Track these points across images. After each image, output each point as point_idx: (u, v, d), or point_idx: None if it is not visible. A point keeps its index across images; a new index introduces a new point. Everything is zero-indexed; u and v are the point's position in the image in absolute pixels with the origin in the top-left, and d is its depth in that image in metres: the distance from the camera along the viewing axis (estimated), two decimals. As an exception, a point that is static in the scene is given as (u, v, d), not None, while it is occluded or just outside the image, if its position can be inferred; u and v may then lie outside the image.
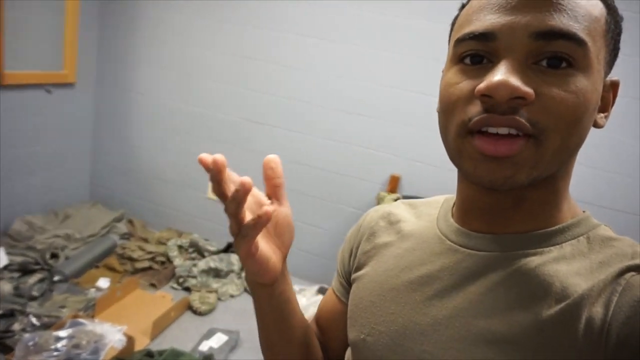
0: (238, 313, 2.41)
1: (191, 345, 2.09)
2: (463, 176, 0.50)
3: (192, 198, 2.99)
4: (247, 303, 2.52)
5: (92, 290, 2.29)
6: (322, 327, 0.69)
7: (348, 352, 0.60)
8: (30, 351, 1.72)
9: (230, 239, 2.89)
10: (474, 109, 0.42)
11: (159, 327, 2.12)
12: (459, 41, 0.45)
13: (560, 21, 0.40)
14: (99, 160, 3.16)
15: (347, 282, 0.65)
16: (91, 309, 2.13)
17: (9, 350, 1.78)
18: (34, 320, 1.91)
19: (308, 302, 2.36)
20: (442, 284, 0.49)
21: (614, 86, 0.48)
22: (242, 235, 0.42)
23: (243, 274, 2.69)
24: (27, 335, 1.79)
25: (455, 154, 0.46)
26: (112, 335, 1.89)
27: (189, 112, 2.87)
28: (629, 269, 0.41)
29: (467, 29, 0.44)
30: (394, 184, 2.55)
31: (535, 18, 0.40)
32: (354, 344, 0.56)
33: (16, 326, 1.87)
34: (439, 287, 0.49)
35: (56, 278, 2.28)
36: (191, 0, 2.70)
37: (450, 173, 2.48)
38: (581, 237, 0.46)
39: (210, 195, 2.94)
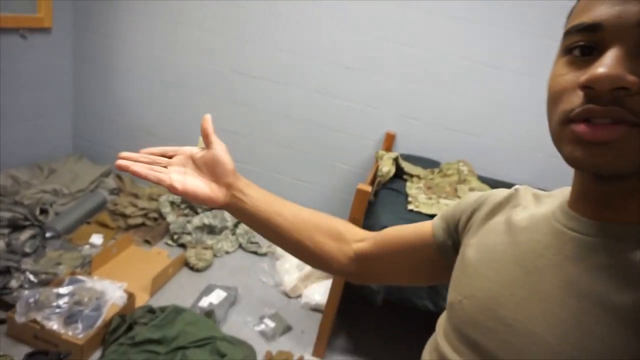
0: (234, 269, 2.43)
1: (190, 301, 2.11)
2: (565, 162, 0.50)
3: (182, 153, 2.92)
4: (242, 259, 2.54)
5: (86, 247, 2.25)
6: (387, 241, 0.75)
7: (442, 315, 0.63)
8: (31, 308, 1.70)
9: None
10: (577, 100, 0.42)
11: (158, 283, 2.13)
12: (568, 33, 0.45)
13: None
14: (81, 111, 3.02)
15: (451, 230, 0.68)
16: (87, 266, 2.11)
17: (8, 307, 1.76)
18: (31, 277, 1.89)
19: (304, 258, 2.40)
20: (544, 261, 0.50)
21: None
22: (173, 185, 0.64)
23: (237, 230, 2.70)
24: (27, 292, 1.77)
25: (557, 140, 0.46)
26: (113, 292, 1.89)
27: (176, 63, 2.75)
28: None
29: (576, 21, 0.44)
30: (389, 142, 2.55)
31: None
32: (451, 305, 0.59)
33: (13, 283, 1.84)
34: (540, 264, 0.50)
35: (48, 234, 2.24)
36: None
37: (445, 132, 2.50)
38: None
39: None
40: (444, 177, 2.28)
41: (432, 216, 1.90)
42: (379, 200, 2.00)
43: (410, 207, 1.94)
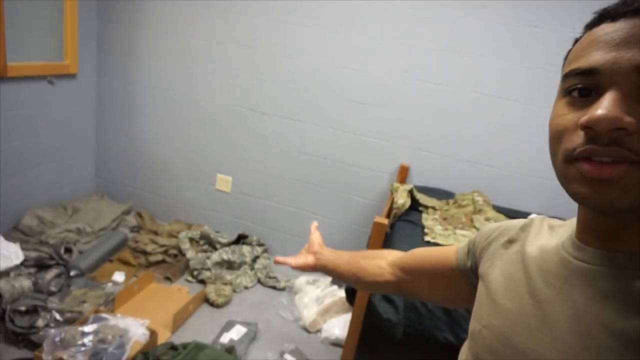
0: (254, 304, 2.45)
1: (211, 337, 2.12)
2: (571, 198, 0.53)
3: (200, 189, 3.00)
4: (261, 294, 2.55)
5: (109, 284, 2.30)
6: (414, 257, 0.88)
7: (464, 345, 0.66)
8: (57, 347, 1.74)
9: (240, 231, 2.91)
10: (578, 140, 0.45)
11: (179, 320, 2.15)
12: (566, 76, 0.49)
13: None
14: (103, 152, 3.14)
15: (472, 256, 0.74)
16: (111, 304, 2.15)
17: (35, 346, 1.80)
18: (57, 315, 1.93)
19: (323, 292, 2.41)
20: (554, 291, 0.53)
21: None
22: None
23: (255, 266, 2.72)
24: (53, 331, 1.80)
25: (562, 178, 0.49)
26: (136, 329, 1.92)
27: (193, 102, 2.86)
28: None
29: (574, 65, 0.48)
30: (403, 174, 2.59)
31: (639, 53, 0.43)
32: (472, 334, 0.62)
33: (40, 322, 1.88)
34: (549, 294, 0.53)
35: (73, 273, 2.29)
36: (198, -9, 2.66)
37: (459, 163, 2.53)
38: None
39: (219, 186, 2.95)
40: (459, 207, 2.30)
41: (449, 247, 1.92)
42: (396, 232, 2.02)
43: (427, 238, 1.96)
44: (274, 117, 2.74)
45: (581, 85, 0.47)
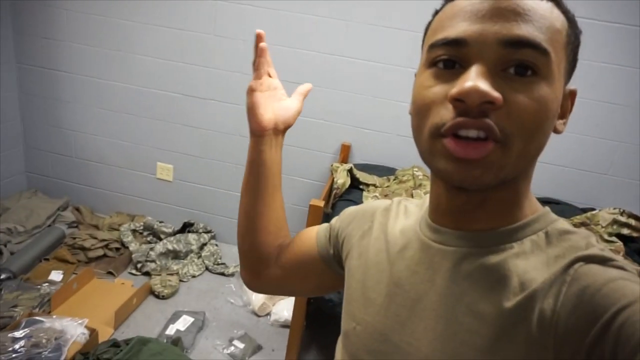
0: (201, 293, 2.42)
1: (157, 330, 2.09)
2: (434, 175, 0.53)
3: (140, 180, 2.90)
4: (209, 282, 2.53)
5: (45, 285, 2.20)
6: (287, 248, 0.77)
7: (339, 343, 0.64)
8: (-14, 356, 1.65)
9: (185, 219, 2.85)
10: (447, 114, 0.44)
11: (122, 315, 2.09)
12: (432, 46, 0.47)
13: (527, 31, 0.43)
14: (32, 145, 2.96)
15: (332, 245, 0.70)
16: (47, 305, 2.06)
17: (-38, 357, 1.70)
18: (-15, 323, 1.83)
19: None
20: (418, 277, 0.53)
21: (572, 95, 0.52)
22: (250, 88, 0.69)
23: (203, 253, 2.68)
24: (-20, 341, 1.71)
25: (427, 154, 0.48)
26: (74, 329, 1.85)
27: (126, 89, 2.72)
28: (578, 259, 0.44)
29: (440, 35, 0.47)
30: (345, 153, 2.59)
31: (504, 27, 0.43)
32: (346, 333, 0.60)
33: (-33, 332, 1.78)
34: (415, 281, 0.53)
35: (3, 276, 2.17)
36: (120, -31, 2.50)
37: (399, 139, 2.56)
38: (540, 232, 0.49)
39: (160, 175, 2.86)
40: (400, 183, 2.34)
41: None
42: (336, 212, 2.03)
43: (366, 216, 1.98)
44: (211, 101, 2.66)
45: (446, 57, 0.46)
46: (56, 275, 2.30)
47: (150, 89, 2.69)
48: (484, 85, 0.41)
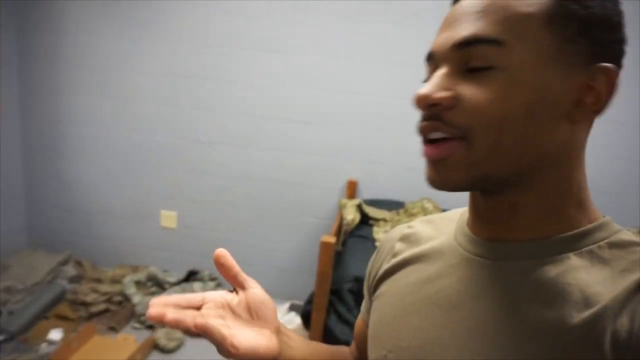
0: (208, 345, 2.27)
1: (163, 387, 1.95)
2: None
3: (144, 229, 2.83)
4: (217, 332, 2.39)
5: (44, 345, 2.08)
6: (359, 348, 0.71)
7: None
8: None
9: (190, 267, 2.75)
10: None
11: (125, 373, 1.96)
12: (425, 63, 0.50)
13: (479, 27, 0.43)
14: (34, 200, 2.91)
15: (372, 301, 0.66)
16: (45, 366, 1.94)
17: None
18: (-21, 389, 1.71)
19: (281, 321, 2.28)
20: (461, 296, 0.48)
21: (606, 74, 0.44)
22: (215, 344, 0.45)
23: (209, 302, 2.56)
24: (-27, 409, 1.59)
25: None
26: (74, 391, 1.73)
27: (128, 138, 2.71)
28: None
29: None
30: (351, 189, 2.54)
31: (457, 30, 0.44)
32: None
33: (-41, 400, 1.66)
34: (457, 300, 0.48)
35: (1, 338, 2.06)
36: (116, 23, 2.55)
37: (406, 172, 2.51)
38: (602, 243, 0.44)
39: (164, 223, 2.79)
40: (410, 216, 2.26)
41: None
42: (347, 249, 1.95)
43: (379, 252, 1.90)
44: (217, 145, 2.64)
45: (426, 78, 0.49)
46: (56, 334, 2.18)
47: (153, 136, 2.68)
48: (427, 89, 0.44)
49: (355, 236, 2.06)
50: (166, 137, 2.67)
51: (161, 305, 0.44)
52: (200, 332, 0.43)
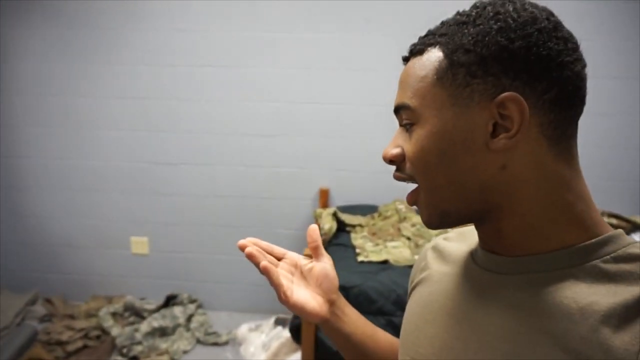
0: (196, 369, 2.26)
1: (155, 419, 1.91)
2: None
3: (115, 258, 2.74)
4: (204, 355, 2.37)
5: (22, 391, 1.98)
6: None
7: None
8: None
9: (168, 292, 2.70)
10: None
11: (114, 410, 1.90)
12: None
13: (399, 96, 0.53)
14: (-8, 240, 2.77)
15: None
16: (27, 414, 1.85)
17: None
18: None
19: (268, 337, 2.29)
20: (471, 307, 0.52)
21: (512, 101, 0.45)
22: (283, 299, 0.60)
23: (191, 325, 2.53)
24: None
25: None
26: None
27: (89, 166, 2.62)
28: None
29: None
30: (324, 197, 2.57)
31: (396, 97, 0.54)
32: None
33: None
34: (467, 311, 0.52)
35: (-27, 391, 1.95)
36: (66, 48, 2.47)
37: (376, 175, 2.57)
38: (607, 257, 0.45)
39: (135, 250, 2.72)
40: (385, 219, 2.32)
41: (383, 263, 1.92)
42: (329, 259, 1.98)
43: (360, 258, 1.94)
44: (181, 165, 2.60)
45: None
46: (33, 378, 2.08)
47: (114, 161, 2.61)
48: (385, 150, 0.54)
49: (334, 245, 2.09)
50: (127, 161, 2.61)
51: (252, 242, 0.63)
52: (264, 274, 0.58)
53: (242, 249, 0.60)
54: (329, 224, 2.14)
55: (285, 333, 2.30)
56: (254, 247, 0.61)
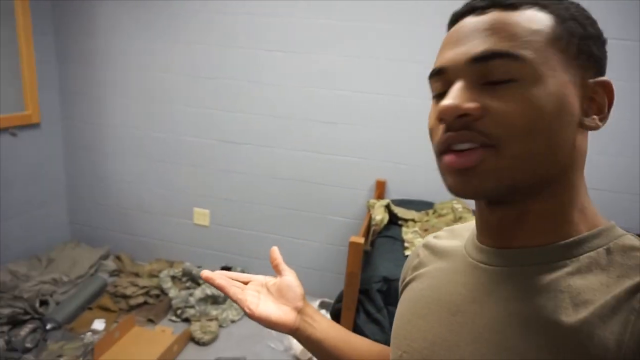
0: (241, 338, 2.38)
1: (199, 378, 2.04)
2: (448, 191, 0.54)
3: (178, 226, 2.94)
4: (249, 327, 2.48)
5: (89, 334, 2.21)
6: None
7: None
8: (33, 409, 1.65)
9: (223, 263, 2.85)
10: (440, 133, 0.48)
11: (164, 363, 2.07)
12: (429, 79, 0.53)
13: (493, 43, 0.45)
14: (75, 197, 3.07)
15: None
16: (90, 354, 2.06)
17: (10, 410, 1.71)
18: (32, 374, 1.84)
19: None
20: (464, 300, 0.52)
21: (604, 87, 0.48)
22: (249, 314, 0.65)
23: (241, 297, 2.65)
24: (27, 392, 1.71)
25: (440, 172, 0.51)
26: (117, 379, 1.84)
27: (161, 139, 2.82)
28: None
29: (431, 70, 0.52)
30: (380, 189, 2.57)
31: (472, 45, 0.46)
32: None
33: (14, 384, 1.79)
34: (461, 304, 0.52)
35: (49, 326, 2.20)
36: (147, 25, 2.66)
37: (435, 172, 2.52)
38: (600, 249, 0.45)
39: (197, 221, 2.90)
40: (439, 217, 2.28)
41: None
42: (376, 249, 1.99)
43: (407, 252, 1.93)
44: (244, 145, 2.71)
45: (438, 91, 0.51)
46: (99, 324, 2.31)
47: (187, 137, 2.78)
48: (456, 100, 0.45)
49: (384, 236, 2.10)
50: (196, 137, 2.77)
51: (219, 275, 0.68)
52: (221, 290, 0.65)
53: (206, 279, 0.68)
54: (381, 215, 2.15)
55: (328, 317, 2.34)
56: (214, 275, 0.68)
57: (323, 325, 0.69)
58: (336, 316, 1.92)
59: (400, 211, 2.27)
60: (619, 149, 2.25)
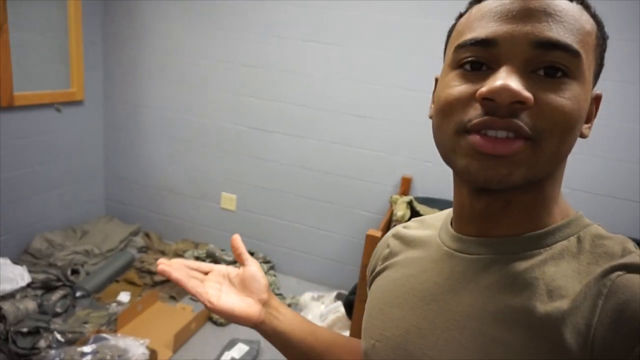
0: (257, 322, 2.42)
1: (213, 356, 2.11)
2: (456, 174, 0.52)
3: (206, 209, 3.02)
4: (265, 311, 2.53)
5: (114, 304, 2.32)
6: None
7: None
8: (57, 368, 1.75)
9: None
10: (474, 112, 0.44)
11: (181, 339, 2.14)
12: (460, 47, 0.46)
13: (558, 33, 0.42)
14: (112, 175, 3.21)
15: None
16: (113, 324, 2.16)
17: (36, 368, 1.82)
18: (58, 336, 1.95)
19: (327, 309, 2.37)
20: (440, 289, 0.51)
21: (597, 99, 0.51)
22: (209, 307, 0.60)
23: (260, 282, 2.71)
24: (52, 352, 1.82)
25: (450, 152, 0.47)
26: (135, 349, 1.92)
27: (195, 123, 2.90)
28: (614, 268, 0.41)
29: (469, 35, 0.46)
30: (405, 186, 2.55)
31: (535, 28, 0.42)
32: (365, 352, 0.59)
33: (42, 343, 1.90)
34: (436, 292, 0.52)
35: (78, 294, 2.32)
36: (189, 11, 2.73)
37: (462, 173, 2.48)
38: (571, 238, 0.46)
39: (224, 205, 2.97)
40: (462, 218, 2.25)
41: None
42: (394, 244, 1.99)
43: (426, 250, 1.92)
44: (276, 134, 2.75)
45: (474, 58, 0.45)
46: (124, 296, 2.42)
47: (220, 122, 2.85)
48: (516, 85, 0.41)
49: (404, 233, 2.09)
50: (229, 123, 2.83)
51: (178, 264, 0.62)
52: (176, 283, 0.60)
53: (161, 273, 0.60)
54: (402, 212, 2.14)
55: (343, 309, 2.36)
56: (169, 267, 0.60)
57: (288, 317, 0.65)
58: (349, 307, 1.93)
59: (422, 209, 2.25)
60: (620, 152, 2.14)
